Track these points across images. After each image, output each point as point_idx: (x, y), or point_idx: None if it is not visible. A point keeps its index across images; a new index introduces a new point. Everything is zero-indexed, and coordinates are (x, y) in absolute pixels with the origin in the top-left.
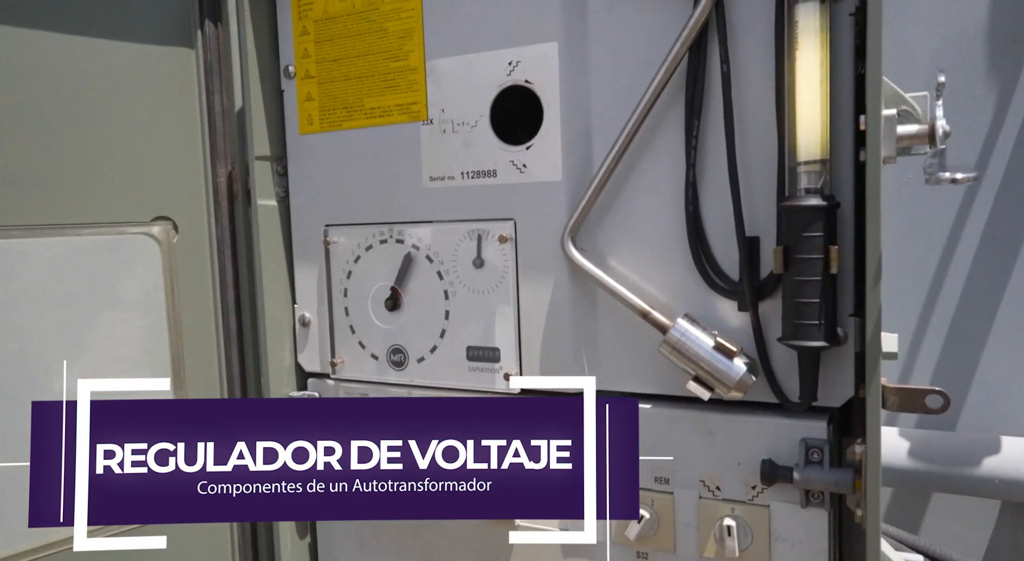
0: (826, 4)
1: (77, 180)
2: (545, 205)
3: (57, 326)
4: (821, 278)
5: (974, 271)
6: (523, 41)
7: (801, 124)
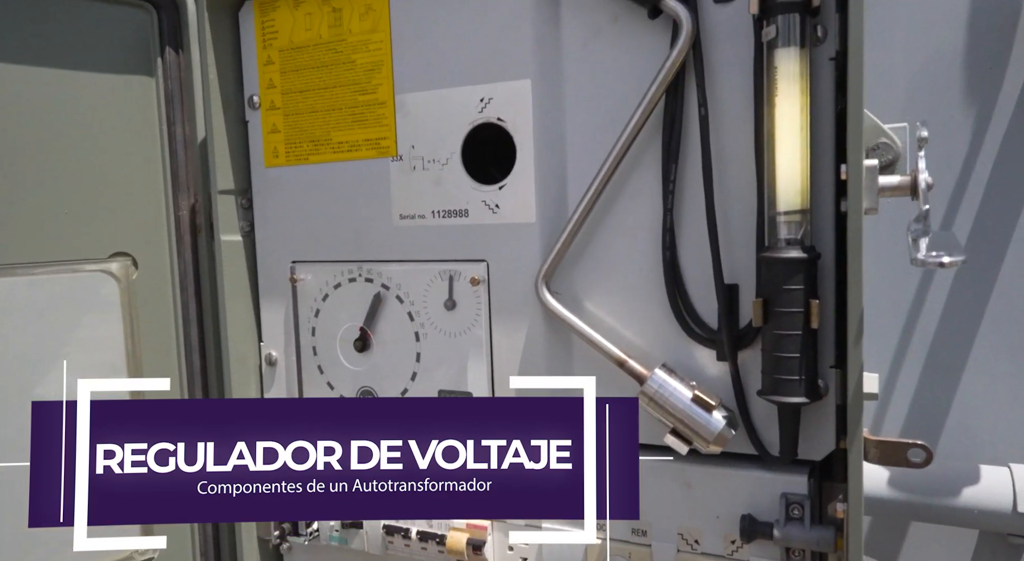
0: (806, 49)
1: (29, 217)
2: (518, 247)
3: (11, 371)
4: (801, 332)
5: (952, 298)
6: (495, 77)
7: (781, 173)
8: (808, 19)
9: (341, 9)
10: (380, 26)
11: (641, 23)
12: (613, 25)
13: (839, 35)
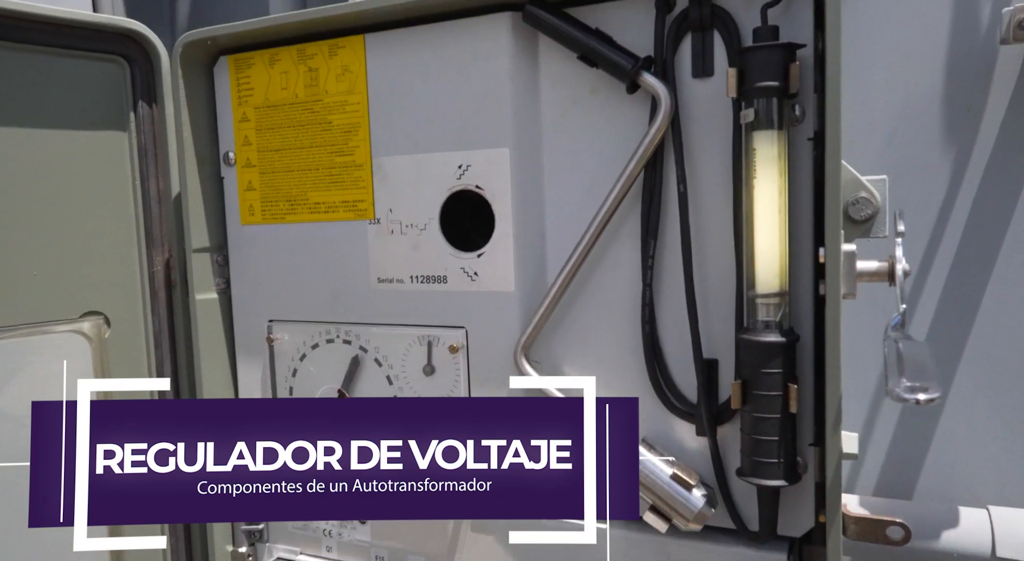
0: (784, 130)
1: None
2: (497, 315)
3: None
4: (780, 415)
5: (930, 339)
6: (474, 144)
7: (760, 255)
8: (786, 101)
9: (317, 69)
10: (357, 88)
11: (619, 94)
12: (591, 96)
13: (817, 115)
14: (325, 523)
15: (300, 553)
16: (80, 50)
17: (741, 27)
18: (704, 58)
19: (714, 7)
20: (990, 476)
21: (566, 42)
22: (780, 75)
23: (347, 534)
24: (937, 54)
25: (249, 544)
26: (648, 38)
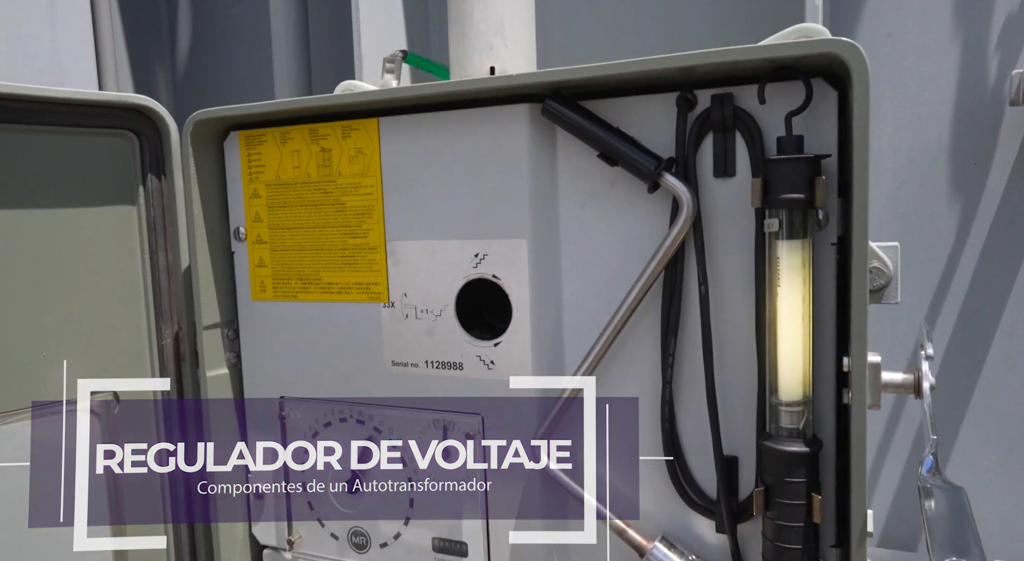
0: (808, 239)
1: (7, 362)
2: (514, 405)
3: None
4: (803, 524)
5: (937, 390)
6: (490, 234)
7: (783, 365)
8: (810, 210)
9: (331, 150)
10: (371, 171)
11: (639, 189)
12: (611, 190)
13: (840, 221)
14: None
15: None
16: (90, 127)
17: (764, 130)
18: (726, 159)
19: (736, 109)
20: (997, 529)
21: (586, 139)
22: (806, 187)
23: None
24: (944, 109)
25: None
26: (667, 134)
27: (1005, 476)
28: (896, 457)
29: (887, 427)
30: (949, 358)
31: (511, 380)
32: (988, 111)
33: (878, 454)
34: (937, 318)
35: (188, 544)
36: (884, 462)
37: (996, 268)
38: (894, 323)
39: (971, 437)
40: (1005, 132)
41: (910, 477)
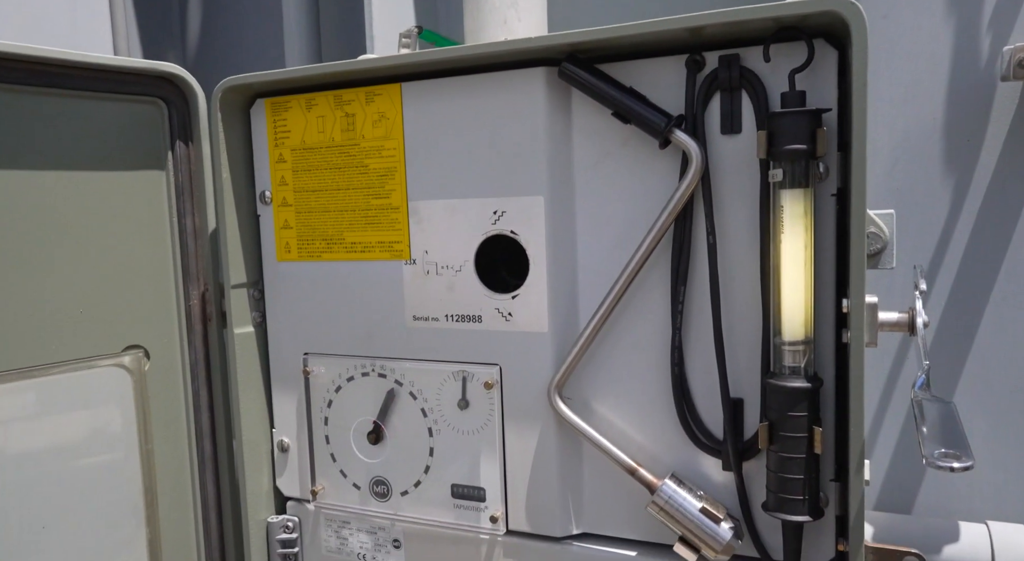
0: (810, 189)
1: (43, 318)
2: (531, 354)
3: (28, 470)
4: (805, 456)
5: (931, 361)
6: (509, 192)
7: (786, 306)
8: (812, 161)
9: (354, 115)
10: (393, 134)
11: (650, 147)
12: (623, 148)
13: (840, 172)
14: (359, 547)
15: None
16: (121, 94)
17: (768, 89)
18: (732, 116)
19: (742, 69)
20: (988, 493)
21: (600, 99)
22: (808, 139)
23: (381, 558)
24: (938, 87)
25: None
26: (677, 95)
27: (996, 443)
28: (891, 426)
29: (881, 400)
30: (942, 329)
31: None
32: (981, 89)
33: (873, 424)
34: (931, 290)
35: (215, 497)
36: (880, 429)
37: (988, 241)
38: (889, 293)
39: (963, 406)
40: (997, 109)
41: (904, 445)
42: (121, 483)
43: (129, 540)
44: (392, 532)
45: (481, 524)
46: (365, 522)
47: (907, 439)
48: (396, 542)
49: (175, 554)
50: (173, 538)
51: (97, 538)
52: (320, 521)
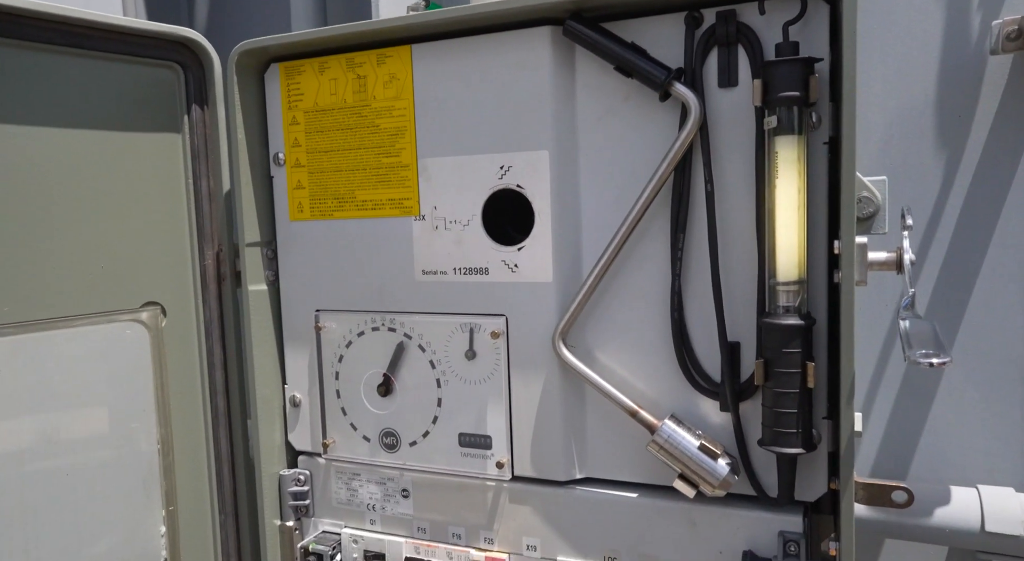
0: (803, 135)
1: (67, 271)
2: (536, 304)
3: (48, 417)
4: (799, 390)
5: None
6: (515, 147)
7: (780, 248)
8: (805, 109)
9: (366, 77)
10: (404, 94)
11: (651, 101)
12: (624, 103)
13: (832, 122)
14: (369, 498)
15: (344, 527)
16: (139, 57)
17: (763, 42)
18: (729, 70)
19: (739, 24)
20: (979, 460)
21: (603, 55)
22: (801, 86)
23: (390, 508)
24: (930, 64)
25: (296, 518)
26: (677, 51)
27: (988, 412)
28: (886, 396)
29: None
30: (935, 300)
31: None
32: (971, 66)
33: (868, 394)
34: (923, 263)
35: (228, 451)
36: (875, 400)
37: (978, 216)
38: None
39: (955, 377)
40: (987, 84)
41: (898, 415)
42: (139, 434)
43: (146, 489)
44: (401, 482)
45: (488, 471)
46: (375, 473)
47: (901, 410)
48: (405, 492)
49: (190, 505)
50: (188, 489)
51: (115, 485)
52: (331, 474)
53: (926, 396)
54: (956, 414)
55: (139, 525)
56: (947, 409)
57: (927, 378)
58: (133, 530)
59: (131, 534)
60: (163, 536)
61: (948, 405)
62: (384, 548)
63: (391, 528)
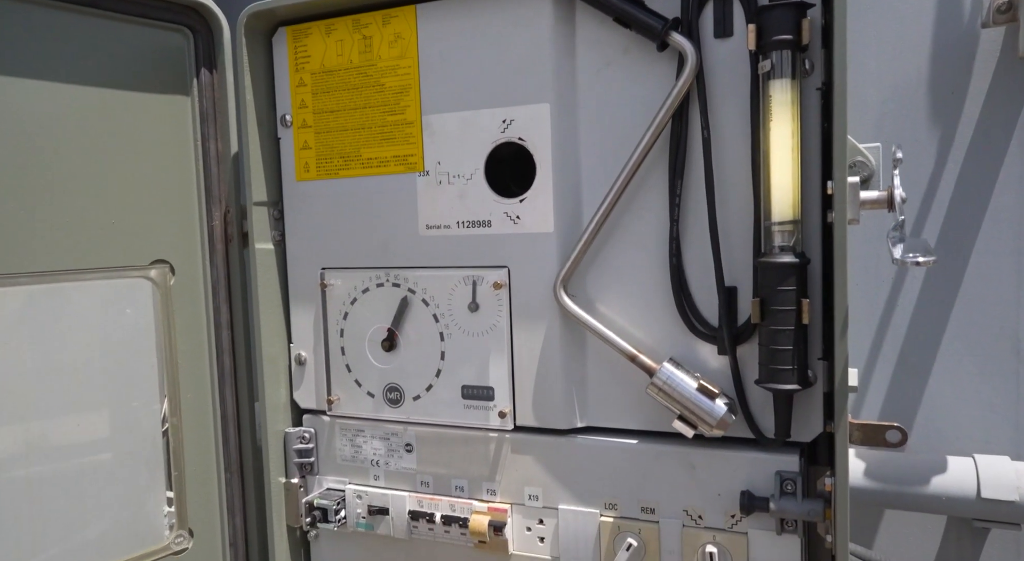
0: (796, 80)
1: (78, 226)
2: (537, 254)
3: (59, 368)
4: (794, 327)
5: (919, 305)
6: (517, 101)
7: (775, 189)
8: (798, 54)
9: (371, 37)
10: (408, 53)
11: (649, 54)
12: (623, 56)
13: (824, 68)
14: (372, 453)
15: (348, 483)
16: (150, 19)
17: None
18: (724, 21)
19: None
20: (975, 430)
21: (603, 7)
22: (793, 30)
23: (393, 463)
24: (923, 40)
25: (300, 476)
26: (674, 4)
27: (983, 384)
28: (883, 370)
29: (870, 353)
30: (931, 274)
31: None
32: (964, 42)
33: (866, 368)
34: (919, 237)
35: (233, 410)
36: (873, 373)
37: (972, 190)
38: (879, 241)
39: (951, 349)
40: (980, 59)
41: (896, 387)
42: (146, 390)
43: (152, 446)
44: (404, 437)
45: (490, 422)
46: (379, 429)
47: (899, 382)
48: (408, 446)
49: (196, 463)
50: (194, 448)
51: (121, 442)
52: (335, 431)
53: (922, 369)
54: (952, 387)
55: (145, 482)
56: (943, 381)
57: (923, 352)
58: (138, 486)
59: (136, 490)
60: (169, 493)
61: (944, 379)
62: (388, 502)
63: (395, 483)
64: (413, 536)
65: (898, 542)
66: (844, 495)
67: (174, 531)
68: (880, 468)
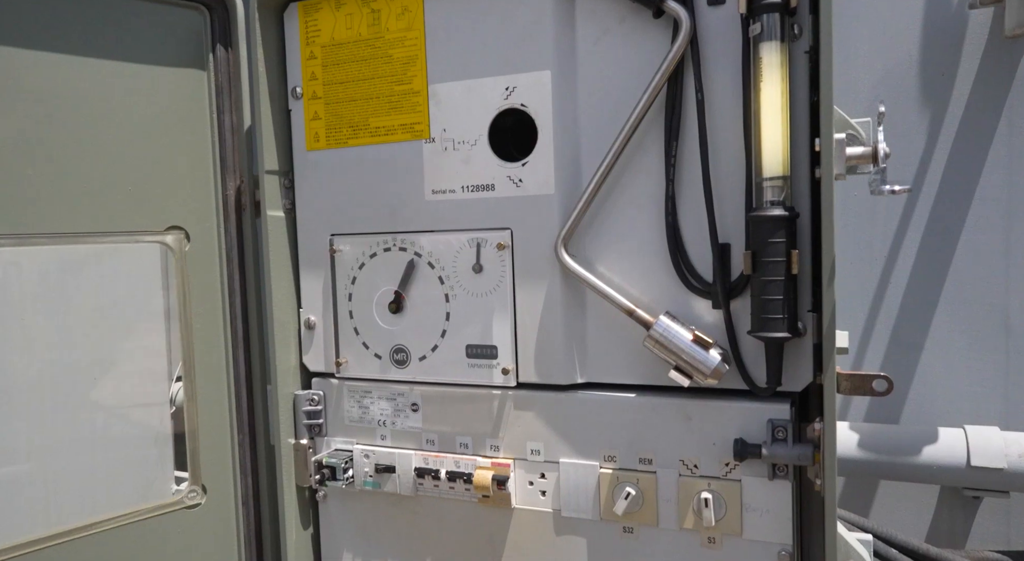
0: (785, 43)
1: (97, 191)
2: (539, 216)
3: (77, 328)
4: (784, 278)
5: (912, 281)
6: (519, 69)
7: (765, 146)
8: (787, 18)
9: (379, 10)
10: (415, 25)
11: (645, 23)
12: (620, 25)
13: (812, 33)
14: (379, 414)
15: (356, 443)
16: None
17: None
18: None
19: None
20: (965, 403)
21: None
22: None
23: (400, 423)
24: (913, 24)
25: (310, 437)
26: None
27: (973, 359)
28: (877, 347)
29: (864, 329)
30: (922, 253)
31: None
32: (952, 24)
33: (860, 346)
34: (911, 217)
35: (245, 374)
36: (867, 350)
37: (962, 169)
38: (872, 221)
39: (942, 325)
40: (968, 42)
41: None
42: (162, 351)
43: (165, 404)
44: (410, 396)
45: (494, 380)
46: (385, 390)
47: (892, 358)
48: (414, 406)
49: (209, 425)
50: (208, 411)
51: (135, 401)
52: (343, 393)
53: (914, 347)
54: (943, 361)
55: (158, 440)
56: (935, 356)
57: (915, 329)
58: (153, 443)
59: (150, 447)
60: (184, 453)
61: (935, 354)
62: (394, 460)
63: (401, 442)
64: (419, 493)
65: (893, 511)
66: (832, 438)
67: (187, 486)
68: (874, 439)
